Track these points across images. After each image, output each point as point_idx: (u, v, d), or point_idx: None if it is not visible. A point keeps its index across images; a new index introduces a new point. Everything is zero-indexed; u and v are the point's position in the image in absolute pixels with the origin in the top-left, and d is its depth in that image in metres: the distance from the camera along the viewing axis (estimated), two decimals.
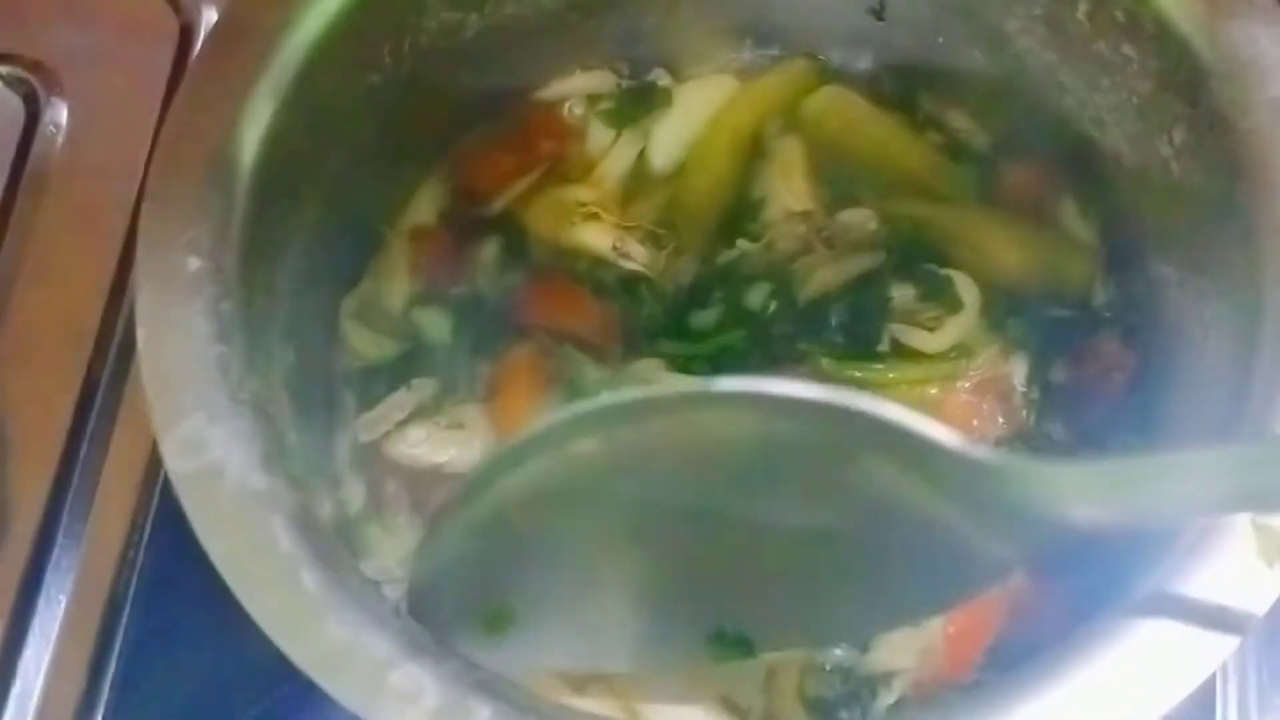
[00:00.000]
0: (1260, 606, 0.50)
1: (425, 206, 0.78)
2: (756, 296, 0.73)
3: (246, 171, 0.59)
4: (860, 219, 0.75)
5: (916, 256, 0.74)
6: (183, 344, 0.55)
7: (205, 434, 0.53)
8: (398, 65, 0.69)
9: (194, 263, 0.56)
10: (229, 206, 0.58)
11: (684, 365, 0.71)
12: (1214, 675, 0.67)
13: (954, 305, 0.73)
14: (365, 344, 0.74)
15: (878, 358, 0.72)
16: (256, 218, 0.59)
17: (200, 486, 0.52)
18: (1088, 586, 0.54)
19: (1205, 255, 0.63)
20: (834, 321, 0.72)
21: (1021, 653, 0.52)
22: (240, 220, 0.58)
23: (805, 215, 0.76)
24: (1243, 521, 0.51)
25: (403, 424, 0.71)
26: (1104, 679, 0.49)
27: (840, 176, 0.78)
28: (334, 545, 0.53)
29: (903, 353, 0.73)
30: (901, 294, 0.73)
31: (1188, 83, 0.61)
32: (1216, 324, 0.62)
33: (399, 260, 0.76)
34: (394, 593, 0.66)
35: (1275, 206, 0.57)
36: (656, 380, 0.70)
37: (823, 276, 0.73)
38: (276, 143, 0.61)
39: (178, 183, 0.58)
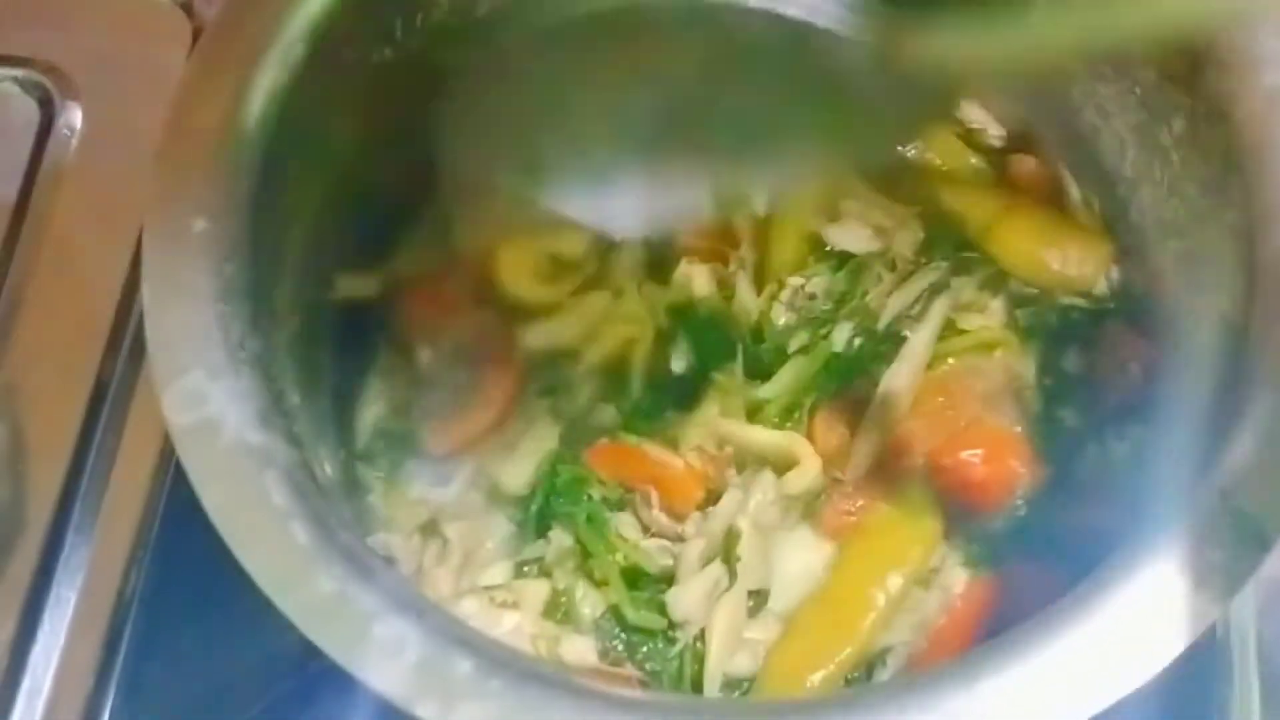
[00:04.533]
0: (1234, 590, 0.50)
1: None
2: (841, 336, 0.74)
3: (255, 137, 0.60)
4: (910, 236, 0.76)
5: (964, 249, 0.76)
6: (186, 302, 0.55)
7: (204, 389, 0.54)
8: (409, 41, 0.69)
9: (200, 224, 0.57)
10: (236, 170, 0.59)
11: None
12: (1214, 680, 0.69)
13: (996, 287, 0.75)
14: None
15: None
16: (264, 183, 0.60)
17: (197, 440, 0.53)
18: (1074, 571, 0.54)
19: (1201, 246, 0.64)
20: (907, 335, 0.74)
21: None
22: (247, 185, 0.59)
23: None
24: (1220, 506, 0.51)
25: None
26: (1072, 656, 0.49)
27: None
28: (327, 502, 0.54)
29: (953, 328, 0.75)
30: (962, 287, 0.75)
31: (1186, 72, 0.61)
32: (1209, 314, 0.62)
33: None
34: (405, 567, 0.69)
35: (1266, 197, 0.57)
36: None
37: (896, 302, 0.74)
38: (286, 111, 0.61)
39: (188, 145, 0.59)
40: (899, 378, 0.71)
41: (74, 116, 0.85)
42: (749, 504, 0.68)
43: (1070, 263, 0.74)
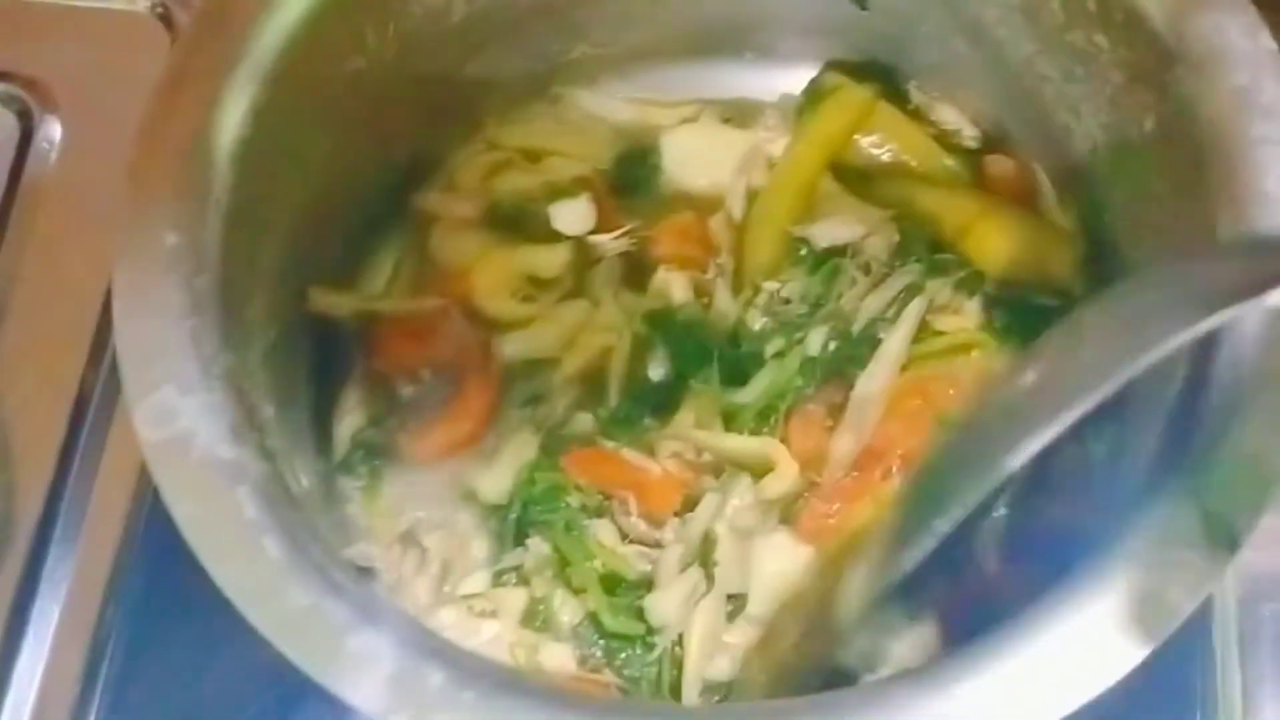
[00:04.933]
0: (1206, 588, 0.50)
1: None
2: (816, 340, 0.74)
3: (227, 150, 0.60)
4: (884, 239, 0.76)
5: (939, 250, 0.76)
6: (157, 316, 0.55)
7: (176, 404, 0.54)
8: (382, 50, 0.69)
9: (171, 238, 0.57)
10: (208, 184, 0.59)
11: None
12: (1197, 674, 0.69)
13: (972, 288, 0.75)
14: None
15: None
16: (236, 196, 0.60)
17: (169, 455, 0.53)
18: (1051, 571, 0.55)
19: (1174, 244, 0.63)
20: (882, 338, 0.74)
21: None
22: (219, 198, 0.59)
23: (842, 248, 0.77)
24: (1191, 506, 0.51)
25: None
26: (1047, 657, 0.50)
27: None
28: (301, 515, 0.54)
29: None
30: (937, 289, 0.75)
31: (1156, 72, 0.61)
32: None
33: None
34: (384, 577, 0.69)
35: (1235, 194, 0.57)
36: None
37: (870, 305, 0.74)
38: (258, 123, 0.61)
39: (158, 159, 0.59)
40: (873, 381, 0.71)
41: (53, 130, 0.86)
42: (726, 509, 0.69)
43: (1045, 262, 0.75)
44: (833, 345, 0.73)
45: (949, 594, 0.66)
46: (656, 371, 0.73)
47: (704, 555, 0.68)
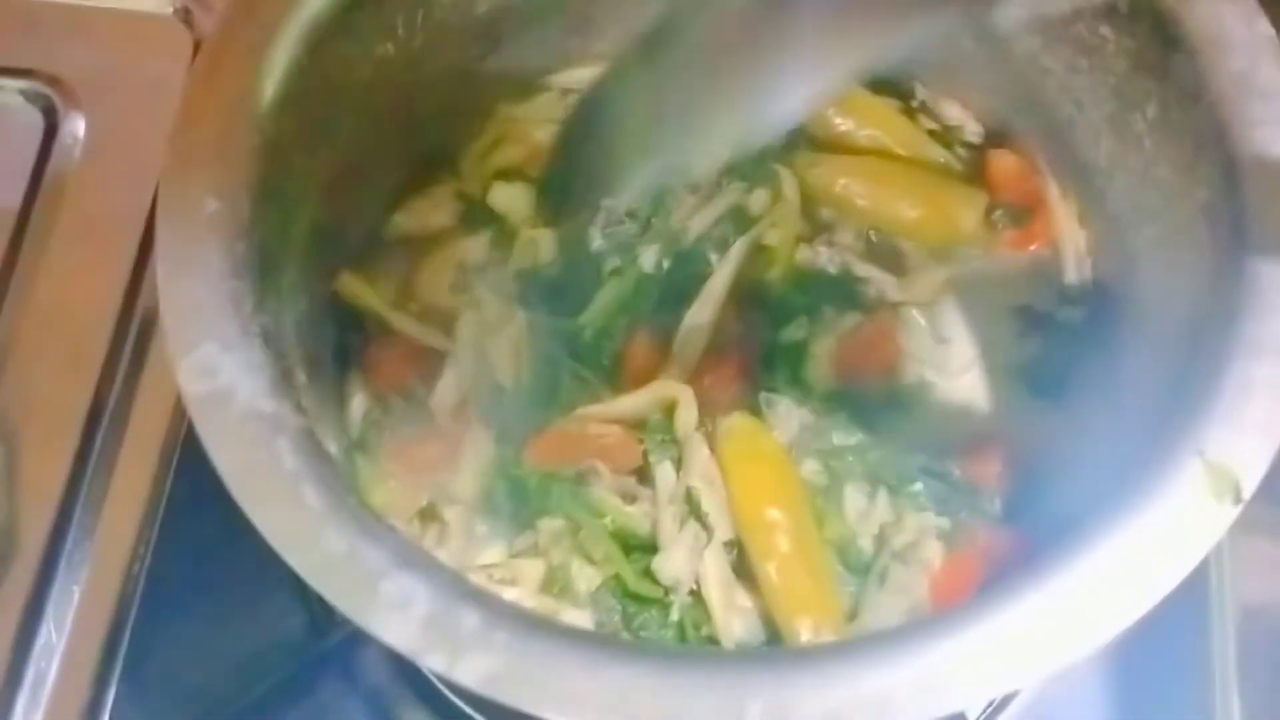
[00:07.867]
0: (1210, 539, 0.52)
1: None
2: (649, 259, 0.76)
3: (263, 124, 0.62)
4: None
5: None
6: (198, 279, 0.57)
7: (217, 361, 0.55)
8: (410, 37, 0.71)
9: (211, 204, 0.59)
10: (246, 155, 0.61)
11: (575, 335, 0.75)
12: (1211, 664, 0.71)
13: (777, 196, 0.78)
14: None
15: None
16: (271, 168, 0.61)
17: (211, 408, 0.54)
18: (1058, 531, 0.56)
19: (1175, 227, 0.65)
20: (713, 256, 0.77)
21: None
22: (255, 169, 0.61)
23: None
24: (1194, 460, 0.53)
25: None
26: (1054, 607, 0.51)
27: None
28: (335, 468, 0.56)
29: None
30: (755, 201, 0.78)
31: (1158, 59, 0.64)
32: (1181, 292, 0.64)
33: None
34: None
35: (1236, 174, 0.59)
36: None
37: (697, 224, 0.77)
38: (292, 100, 0.63)
39: (200, 129, 0.60)
40: (701, 314, 0.74)
41: (77, 126, 0.88)
42: (694, 466, 0.70)
43: (948, 224, 0.78)
44: (666, 264, 0.76)
45: None
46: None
47: (694, 509, 0.69)
